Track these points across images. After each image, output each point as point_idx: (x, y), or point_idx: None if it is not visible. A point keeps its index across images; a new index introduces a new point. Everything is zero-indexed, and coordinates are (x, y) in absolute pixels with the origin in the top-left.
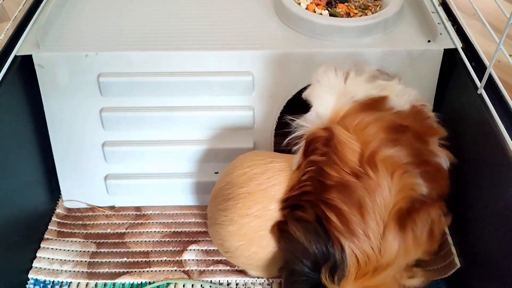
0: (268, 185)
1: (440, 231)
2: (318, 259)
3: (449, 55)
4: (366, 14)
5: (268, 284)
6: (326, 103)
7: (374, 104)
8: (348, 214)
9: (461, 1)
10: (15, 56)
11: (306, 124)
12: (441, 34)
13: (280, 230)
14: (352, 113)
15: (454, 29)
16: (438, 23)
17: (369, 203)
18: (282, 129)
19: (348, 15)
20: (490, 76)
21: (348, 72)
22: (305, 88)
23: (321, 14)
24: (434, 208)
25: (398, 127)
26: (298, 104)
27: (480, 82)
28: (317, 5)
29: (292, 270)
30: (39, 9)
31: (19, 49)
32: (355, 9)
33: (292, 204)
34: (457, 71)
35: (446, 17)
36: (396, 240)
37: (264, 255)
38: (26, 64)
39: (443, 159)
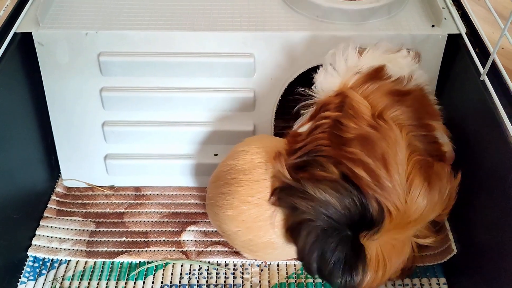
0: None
1: (454, 189)
2: (353, 216)
3: (453, 40)
4: None
5: (265, 266)
6: (332, 80)
7: (375, 75)
8: (374, 168)
9: None
10: (15, 33)
11: (316, 94)
12: (445, 19)
13: (285, 190)
14: (357, 84)
15: (459, 14)
16: (443, 8)
17: (391, 154)
18: (283, 112)
19: None
20: (494, 63)
21: (363, 48)
22: (307, 71)
23: None
24: (445, 165)
25: (400, 91)
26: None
27: (484, 69)
28: None
29: (312, 218)
30: None
31: (19, 26)
32: None
33: (304, 161)
34: (460, 56)
35: (451, 2)
36: (422, 194)
37: (260, 243)
38: (26, 42)
39: (440, 133)
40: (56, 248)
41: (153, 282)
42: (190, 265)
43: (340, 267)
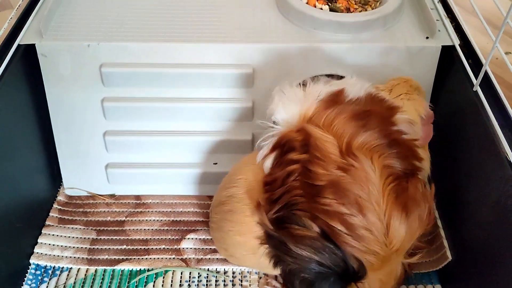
0: None
1: (432, 205)
2: (337, 271)
3: (447, 52)
4: (366, 10)
5: (264, 274)
6: (292, 109)
7: (334, 99)
8: (350, 217)
9: None
10: (19, 45)
11: (277, 126)
12: (439, 31)
13: (271, 239)
14: (318, 112)
15: (453, 26)
16: (437, 20)
17: (365, 196)
18: None
19: (348, 10)
20: (486, 74)
21: (305, 82)
22: (304, 81)
23: (321, 9)
24: (419, 182)
25: (362, 113)
26: None
27: (476, 80)
28: (318, 0)
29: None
30: None
31: (23, 38)
32: (355, 4)
33: (282, 216)
34: (454, 67)
35: (445, 14)
36: (402, 225)
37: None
38: (29, 53)
39: (406, 128)
40: (58, 256)
41: None
42: (190, 273)
43: None
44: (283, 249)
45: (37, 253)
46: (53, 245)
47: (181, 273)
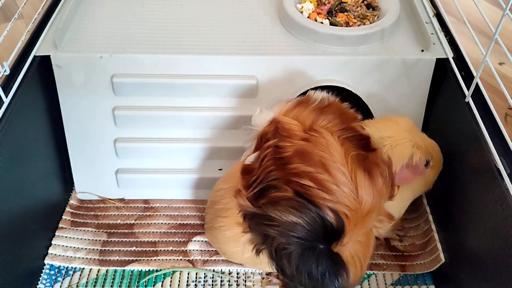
0: None
1: (391, 168)
2: (318, 230)
3: (441, 64)
4: (365, 24)
5: (267, 274)
6: (267, 114)
7: (302, 101)
8: (317, 174)
9: (456, 9)
10: (35, 56)
11: (255, 128)
12: (434, 44)
13: (254, 218)
14: (287, 111)
15: (447, 39)
16: (432, 34)
17: (328, 157)
18: None
19: (347, 24)
20: (478, 86)
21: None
22: (305, 92)
23: (322, 23)
24: (377, 152)
25: (322, 107)
26: None
27: (468, 91)
28: (319, 14)
29: (285, 244)
30: (56, 11)
31: (38, 50)
32: (354, 18)
33: (260, 190)
34: (447, 79)
35: (440, 28)
36: (368, 183)
37: (261, 259)
38: (44, 64)
39: (361, 130)
40: (71, 256)
41: None
42: (196, 273)
43: (327, 278)
44: (264, 222)
45: (51, 254)
46: (66, 246)
47: (188, 274)
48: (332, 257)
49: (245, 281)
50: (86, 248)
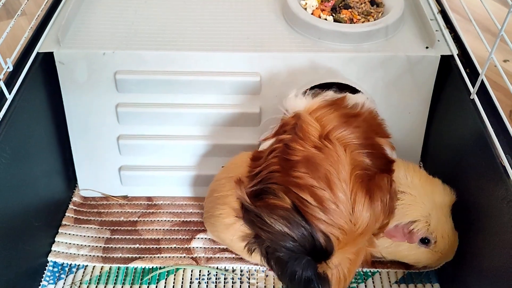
0: None
1: (393, 194)
2: (304, 244)
3: (446, 61)
4: (369, 20)
5: (270, 271)
6: (300, 101)
7: (336, 102)
8: (319, 190)
9: (461, 7)
10: (38, 53)
11: (286, 111)
12: (438, 41)
13: (249, 214)
14: (319, 108)
15: (452, 36)
16: (436, 30)
17: (334, 173)
18: None
19: (351, 21)
20: (483, 83)
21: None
22: (310, 89)
23: (326, 19)
24: (386, 176)
25: (351, 114)
26: None
27: (473, 88)
28: (322, 10)
29: (274, 250)
30: (59, 8)
31: (41, 46)
32: (358, 15)
33: (259, 190)
34: (452, 76)
35: (444, 25)
36: (366, 207)
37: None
38: (47, 60)
39: (388, 149)
40: (74, 254)
41: (165, 287)
42: (200, 271)
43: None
44: (258, 223)
45: (55, 251)
46: (70, 243)
47: (192, 271)
48: (317, 269)
49: (249, 279)
50: (89, 245)
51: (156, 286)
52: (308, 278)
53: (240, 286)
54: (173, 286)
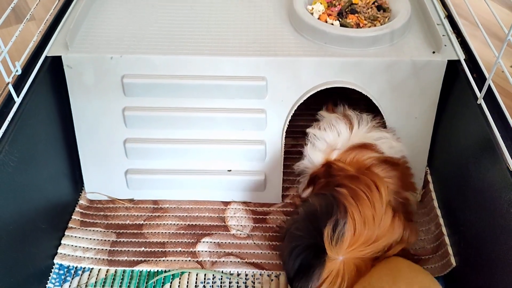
0: None
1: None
2: (322, 215)
3: (452, 66)
4: (375, 25)
5: (275, 276)
6: (317, 156)
7: (366, 146)
8: (356, 187)
9: (468, 12)
10: (46, 57)
11: (307, 166)
12: (445, 45)
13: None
14: (347, 151)
15: (458, 41)
16: (443, 35)
17: (377, 185)
18: (292, 131)
19: (358, 25)
20: (490, 88)
21: (352, 123)
22: (315, 93)
23: (332, 24)
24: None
25: (391, 161)
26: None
27: (480, 93)
28: (329, 15)
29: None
30: (67, 13)
31: (50, 50)
32: (365, 20)
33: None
34: (459, 81)
35: (451, 30)
36: (389, 216)
37: None
38: (55, 64)
39: (412, 204)
40: (80, 256)
41: None
42: (205, 274)
43: (302, 276)
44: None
45: (61, 253)
46: (76, 246)
47: (197, 275)
48: (319, 256)
49: (254, 283)
50: (95, 248)
51: None
52: (304, 266)
53: None
54: None
